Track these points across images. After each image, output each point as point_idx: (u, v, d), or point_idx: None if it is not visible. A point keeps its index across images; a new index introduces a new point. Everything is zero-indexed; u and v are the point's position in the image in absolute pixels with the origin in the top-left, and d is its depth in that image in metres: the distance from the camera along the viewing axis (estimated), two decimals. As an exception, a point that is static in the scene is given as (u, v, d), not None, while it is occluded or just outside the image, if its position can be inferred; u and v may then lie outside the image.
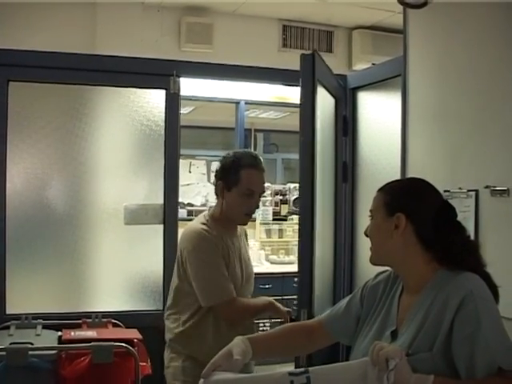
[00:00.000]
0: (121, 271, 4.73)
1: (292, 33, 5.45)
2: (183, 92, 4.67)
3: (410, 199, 2.21)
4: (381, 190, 2.30)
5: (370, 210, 2.30)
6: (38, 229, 4.55)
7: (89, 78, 4.56)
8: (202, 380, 2.10)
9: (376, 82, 4.76)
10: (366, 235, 2.31)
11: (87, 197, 4.65)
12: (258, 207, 3.61)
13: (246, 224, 3.72)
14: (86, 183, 4.65)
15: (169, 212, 4.65)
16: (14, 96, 4.41)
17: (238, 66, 4.74)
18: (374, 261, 2.30)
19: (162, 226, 4.67)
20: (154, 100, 4.70)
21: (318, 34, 5.55)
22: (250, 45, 5.15)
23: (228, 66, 4.72)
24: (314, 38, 5.55)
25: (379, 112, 4.76)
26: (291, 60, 5.08)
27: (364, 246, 2.34)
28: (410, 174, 3.94)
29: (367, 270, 2.47)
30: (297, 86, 4.08)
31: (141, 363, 3.85)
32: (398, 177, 3.98)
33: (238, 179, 3.47)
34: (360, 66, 5.50)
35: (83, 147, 4.59)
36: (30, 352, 3.73)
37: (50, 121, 4.57)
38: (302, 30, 5.47)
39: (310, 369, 1.98)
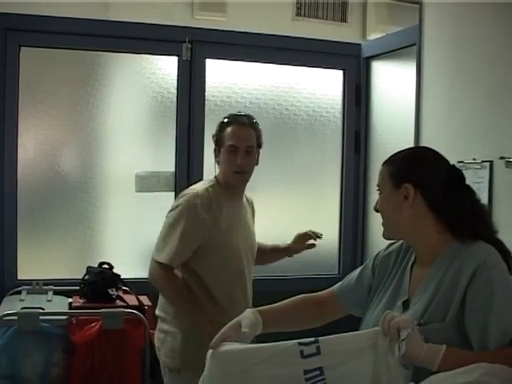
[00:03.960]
0: (131, 238, 4.73)
1: (306, 2, 5.39)
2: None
3: (416, 168, 2.18)
4: (385, 162, 2.27)
5: (378, 185, 2.26)
6: (49, 195, 4.55)
7: (101, 44, 4.54)
8: (210, 350, 2.09)
9: (390, 52, 4.73)
10: (377, 210, 2.28)
11: (98, 164, 4.65)
12: (248, 164, 3.48)
13: (239, 184, 3.55)
14: (98, 150, 4.64)
15: (180, 180, 4.63)
16: (25, 61, 4.39)
17: (251, 33, 4.68)
18: (388, 235, 2.28)
19: (173, 194, 4.64)
20: (166, 67, 4.67)
21: (333, 3, 5.49)
22: (263, 14, 5.10)
23: (241, 33, 4.67)
24: (328, 7, 5.49)
25: (393, 81, 4.74)
26: (305, 29, 5.07)
27: (377, 217, 2.30)
28: (424, 144, 3.90)
29: (382, 245, 2.44)
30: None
31: (151, 330, 3.86)
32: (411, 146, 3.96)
33: (223, 137, 3.47)
34: (374, 35, 5.44)
35: (95, 114, 4.58)
36: (41, 317, 3.76)
37: (61, 87, 4.55)
38: (316, -1, 5.42)
39: (319, 338, 1.98)
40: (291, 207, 4.96)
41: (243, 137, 3.45)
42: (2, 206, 4.31)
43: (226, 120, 3.52)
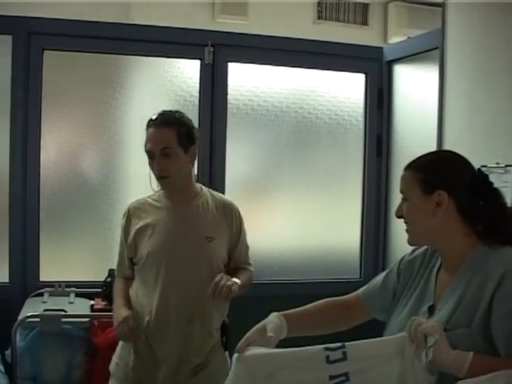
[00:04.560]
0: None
1: (327, 5, 5.38)
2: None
3: (447, 174, 2.15)
4: (409, 167, 2.21)
5: (402, 191, 2.22)
6: (71, 197, 4.58)
7: (123, 48, 4.56)
8: (236, 354, 2.09)
9: (413, 55, 4.71)
10: (399, 217, 2.24)
11: (120, 166, 4.67)
12: (168, 167, 3.13)
13: (166, 189, 3.27)
14: (119, 152, 4.66)
15: (202, 182, 4.61)
16: (48, 65, 4.42)
17: (273, 37, 4.68)
18: (414, 242, 2.25)
19: (194, 197, 4.64)
20: (188, 70, 4.69)
21: (354, 6, 5.47)
22: (284, 17, 5.09)
23: (263, 36, 4.67)
24: (349, 10, 5.47)
25: (415, 85, 4.72)
26: (326, 32, 5.06)
27: (399, 221, 2.27)
28: (447, 148, 3.88)
29: (404, 249, 2.42)
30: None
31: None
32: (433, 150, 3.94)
33: (145, 142, 3.22)
34: (395, 39, 5.42)
35: (117, 117, 4.60)
36: (63, 319, 3.78)
37: (83, 90, 4.57)
38: (337, 2, 5.40)
39: (346, 344, 1.96)
40: (313, 211, 4.94)
41: (157, 139, 3.16)
42: (24, 208, 4.34)
43: (147, 123, 3.26)
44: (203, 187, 3.39)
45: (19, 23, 4.31)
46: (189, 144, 3.23)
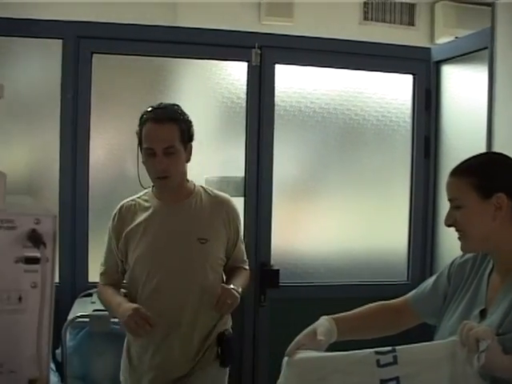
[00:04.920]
0: (201, 243, 4.74)
1: (373, 6, 5.35)
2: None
3: (502, 175, 2.12)
4: (458, 173, 2.17)
5: (453, 199, 2.16)
6: (120, 199, 4.59)
7: (171, 50, 4.57)
8: (286, 358, 2.09)
9: (461, 55, 4.66)
10: (450, 225, 2.20)
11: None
12: (170, 166, 3.02)
13: (164, 189, 3.16)
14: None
15: (250, 185, 4.64)
16: (97, 68, 4.46)
17: (320, 38, 4.66)
18: (470, 249, 2.22)
19: (242, 199, 4.66)
20: (235, 72, 4.68)
21: (400, 6, 5.43)
22: (330, 18, 5.07)
23: (310, 38, 4.66)
24: (395, 10, 5.43)
25: (464, 85, 4.67)
26: (372, 33, 5.03)
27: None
28: (497, 150, 3.83)
29: (452, 251, 2.39)
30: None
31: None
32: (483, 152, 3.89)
33: (141, 138, 3.06)
34: (442, 39, 5.36)
35: (164, 119, 4.61)
36: (112, 319, 3.80)
37: (132, 93, 4.60)
38: (384, 2, 5.36)
39: (396, 348, 1.96)
40: (360, 212, 4.91)
41: (160, 136, 3.00)
42: (74, 209, 4.38)
43: (143, 116, 3.09)
44: (196, 185, 3.28)
45: (69, 28, 4.35)
46: (188, 141, 3.15)
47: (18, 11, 4.22)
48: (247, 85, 4.66)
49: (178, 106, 3.20)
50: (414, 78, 4.92)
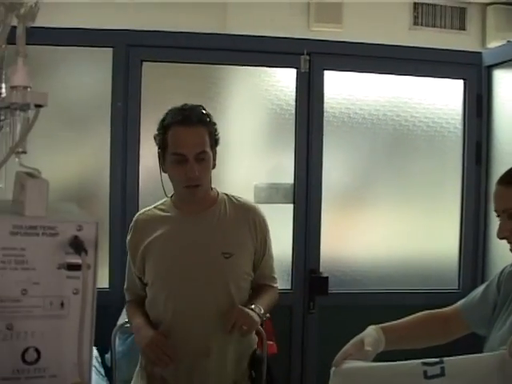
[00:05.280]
0: (249, 250, 4.75)
1: (423, 10, 5.31)
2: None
3: None
4: (508, 182, 2.16)
5: (505, 210, 2.14)
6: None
7: (220, 58, 4.59)
8: (333, 368, 2.08)
9: (514, 59, 4.59)
10: (501, 238, 2.16)
11: (218, 175, 4.66)
12: (202, 174, 2.77)
13: (193, 200, 2.86)
14: (217, 162, 4.66)
15: (299, 192, 4.64)
16: (147, 76, 4.50)
17: (369, 44, 4.64)
18: None
19: (291, 206, 4.66)
20: (284, 79, 4.68)
21: (451, 10, 5.38)
22: (380, 23, 5.04)
23: (359, 44, 4.63)
24: (446, 15, 5.39)
25: (517, 91, 4.60)
26: (422, 38, 4.98)
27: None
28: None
29: (505, 259, 2.34)
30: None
31: (268, 342, 3.86)
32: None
33: (166, 143, 2.79)
34: (494, 43, 5.30)
35: (214, 126, 4.63)
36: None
37: (181, 100, 4.56)
38: (434, 7, 5.31)
39: (444, 359, 1.93)
40: (410, 220, 4.86)
41: (191, 141, 2.75)
42: (124, 216, 4.39)
43: (167, 118, 2.86)
44: (219, 192, 3.01)
45: (119, 36, 4.40)
46: (216, 145, 2.91)
47: (69, 21, 4.28)
48: (296, 91, 4.65)
49: (202, 106, 2.97)
50: (465, 83, 4.86)
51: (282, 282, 4.62)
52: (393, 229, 4.81)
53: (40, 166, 4.17)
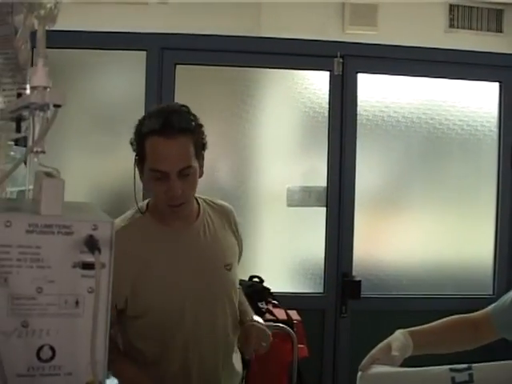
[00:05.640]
0: (282, 252, 4.76)
1: (459, 12, 5.26)
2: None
3: None
4: None
5: None
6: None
7: (253, 61, 4.60)
8: (360, 373, 2.06)
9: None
10: None
11: (251, 178, 4.70)
12: (186, 191, 2.39)
13: (175, 217, 2.49)
14: (250, 165, 4.70)
15: (332, 195, 4.62)
16: (180, 79, 4.52)
17: (403, 46, 4.61)
18: None
19: (324, 209, 4.64)
20: (317, 82, 4.67)
21: (487, 12, 5.32)
22: (415, 26, 5.00)
23: (393, 46, 4.61)
24: (482, 17, 5.32)
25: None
26: (458, 41, 4.93)
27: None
28: None
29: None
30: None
31: (299, 345, 3.86)
32: None
33: (144, 155, 2.41)
34: (533, 45, 5.24)
35: (247, 129, 4.65)
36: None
37: (215, 103, 4.65)
38: (470, 9, 5.25)
39: (472, 365, 1.89)
40: (444, 223, 4.81)
41: (173, 156, 2.34)
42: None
43: (144, 125, 2.42)
44: (198, 198, 2.63)
45: (153, 40, 4.44)
46: (203, 150, 2.54)
47: (103, 24, 4.32)
48: (329, 94, 4.64)
49: (185, 106, 2.50)
50: (501, 86, 4.81)
51: (315, 285, 4.63)
52: (427, 233, 4.77)
53: (74, 169, 4.23)
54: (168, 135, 2.32)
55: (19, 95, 1.54)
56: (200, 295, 2.47)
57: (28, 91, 1.53)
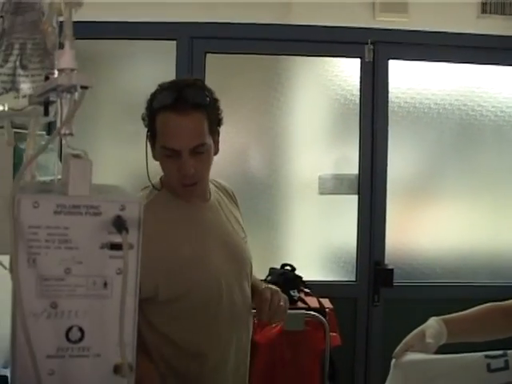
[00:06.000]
0: (314, 241, 4.75)
1: (492, -2, 5.19)
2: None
3: None
4: None
5: None
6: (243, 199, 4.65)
7: (284, 48, 4.59)
8: (393, 360, 2.05)
9: None
10: None
11: (283, 166, 4.69)
12: (199, 169, 2.26)
13: (190, 198, 2.38)
14: (282, 153, 4.69)
15: (363, 182, 4.60)
16: (211, 68, 4.52)
17: (434, 32, 4.56)
18: None
19: (356, 197, 4.62)
20: (348, 69, 4.65)
21: (521, -3, 5.25)
22: (446, 12, 4.93)
23: (424, 32, 4.56)
24: (516, 2, 5.25)
25: None
26: (491, 26, 4.87)
27: None
28: None
29: None
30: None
31: (331, 333, 3.85)
32: None
33: (155, 131, 2.28)
34: None
35: (278, 117, 4.64)
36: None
37: (246, 91, 4.64)
38: (503, -6, 5.19)
39: (508, 352, 1.88)
40: (478, 212, 4.76)
41: (185, 133, 2.21)
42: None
43: (156, 99, 2.27)
44: None
45: (182, 28, 4.45)
46: (219, 126, 2.39)
47: (133, 14, 4.33)
48: (360, 81, 4.62)
49: (200, 80, 2.44)
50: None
51: (347, 273, 4.62)
52: (460, 220, 4.72)
53: (106, 157, 4.25)
54: (180, 111, 2.18)
55: (47, 79, 1.53)
56: (231, 271, 2.38)
57: (56, 75, 1.52)
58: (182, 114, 2.18)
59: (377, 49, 4.56)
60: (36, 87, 1.71)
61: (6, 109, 1.79)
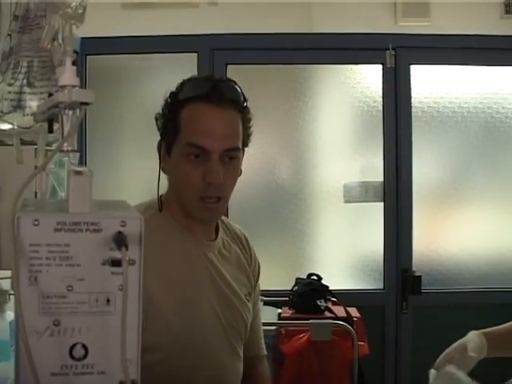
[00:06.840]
0: (340, 249, 4.72)
1: (516, 0, 5.14)
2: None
3: None
4: None
5: None
6: (261, 206, 4.66)
7: (305, 57, 4.59)
8: (433, 370, 2.02)
9: None
10: None
11: (307, 175, 4.68)
12: (228, 182, 1.87)
13: (208, 219, 1.96)
14: (306, 162, 4.68)
15: (389, 189, 4.56)
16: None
17: (456, 35, 4.52)
18: None
19: (382, 204, 4.59)
20: (370, 75, 4.63)
21: (544, -1, 5.19)
22: (469, 15, 4.89)
23: (446, 35, 4.52)
24: (539, 3, 5.19)
25: None
26: (514, 28, 4.82)
27: None
28: None
29: None
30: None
31: (359, 343, 3.81)
32: None
33: (178, 127, 1.89)
34: None
35: (301, 126, 4.63)
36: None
37: (268, 102, 4.63)
38: (528, -5, 5.13)
39: None
40: (505, 216, 4.69)
41: (221, 129, 1.83)
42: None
43: (183, 90, 1.93)
44: None
45: (203, 41, 4.48)
46: (246, 145, 1.99)
47: (154, 28, 4.35)
48: (383, 87, 4.60)
49: (235, 82, 2.02)
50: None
51: (374, 281, 4.59)
52: (488, 224, 4.66)
53: (130, 173, 4.27)
54: (217, 103, 1.83)
55: (50, 95, 1.54)
56: (225, 327, 1.96)
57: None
58: (219, 107, 1.83)
59: (398, 54, 4.53)
60: (39, 105, 1.71)
61: (15, 127, 1.80)
